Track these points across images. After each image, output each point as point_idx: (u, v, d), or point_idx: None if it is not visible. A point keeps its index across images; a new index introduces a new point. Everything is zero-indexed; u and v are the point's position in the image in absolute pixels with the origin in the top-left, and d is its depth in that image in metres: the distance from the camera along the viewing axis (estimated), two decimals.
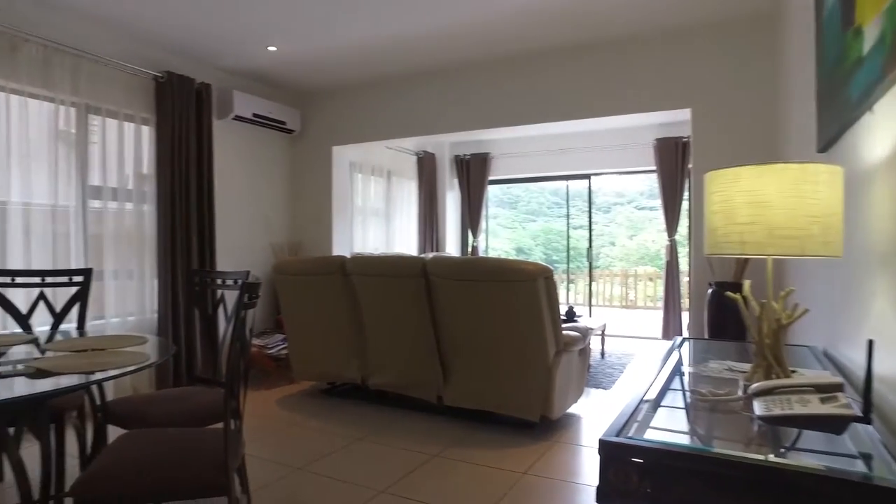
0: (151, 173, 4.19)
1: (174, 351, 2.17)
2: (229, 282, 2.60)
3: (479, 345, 3.34)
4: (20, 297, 2.87)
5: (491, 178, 7.54)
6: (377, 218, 6.58)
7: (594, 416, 3.72)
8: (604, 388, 4.40)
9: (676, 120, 5.37)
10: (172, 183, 4.20)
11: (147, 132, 4.19)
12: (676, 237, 6.32)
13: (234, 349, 1.78)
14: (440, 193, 7.51)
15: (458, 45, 4.37)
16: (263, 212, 5.35)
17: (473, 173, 7.49)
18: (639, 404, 1.29)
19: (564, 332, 3.39)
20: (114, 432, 2.29)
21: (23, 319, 2.74)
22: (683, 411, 1.36)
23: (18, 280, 2.79)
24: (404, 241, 7.00)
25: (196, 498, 1.69)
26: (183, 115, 4.29)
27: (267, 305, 5.31)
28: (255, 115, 4.95)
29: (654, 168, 6.40)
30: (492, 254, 9.02)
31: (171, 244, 4.19)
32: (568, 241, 9.88)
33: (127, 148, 4.05)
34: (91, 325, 3.37)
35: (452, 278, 3.31)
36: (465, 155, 7.54)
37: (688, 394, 1.46)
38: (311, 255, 5.24)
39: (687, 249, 6.79)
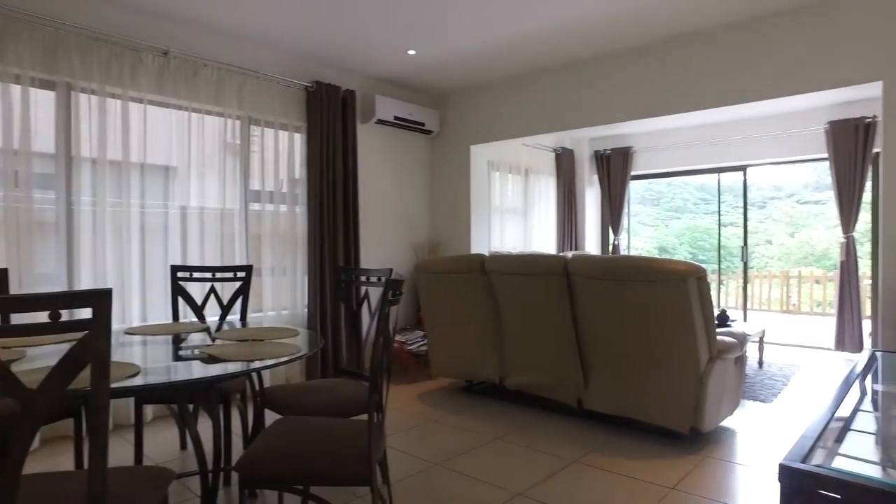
0: (303, 177, 4.52)
1: (322, 345, 2.29)
2: (373, 279, 2.69)
3: (624, 348, 3.15)
4: (196, 290, 3.23)
5: (633, 173, 7.15)
6: (514, 216, 6.52)
7: (752, 431, 3.35)
8: (763, 402, 3.96)
9: (856, 98, 4.68)
10: (321, 185, 4.49)
11: (299, 139, 4.52)
12: (854, 234, 5.52)
13: (377, 344, 1.83)
14: (579, 190, 7.28)
15: (597, 36, 4.18)
16: (404, 211, 5.53)
17: (614, 169, 7.16)
18: (825, 426, 1.10)
19: (718, 337, 3.09)
20: (269, 416, 2.48)
21: (198, 310, 3.09)
22: (880, 438, 1.14)
23: (195, 275, 3.16)
24: (542, 240, 6.88)
25: (341, 485, 1.75)
26: (330, 122, 4.57)
27: (408, 303, 5.49)
28: (395, 117, 5.14)
29: (825, 155, 5.64)
30: (633, 253, 8.57)
31: (320, 243, 4.48)
32: (719, 238, 9.07)
33: (281, 154, 4.41)
34: (251, 317, 3.69)
35: (595, 277, 3.16)
36: (605, 150, 7.23)
37: (884, 418, 1.23)
38: (450, 254, 5.33)
39: (868, 248, 5.93)
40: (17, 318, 2.58)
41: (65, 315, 1.19)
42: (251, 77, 4.16)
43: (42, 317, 1.18)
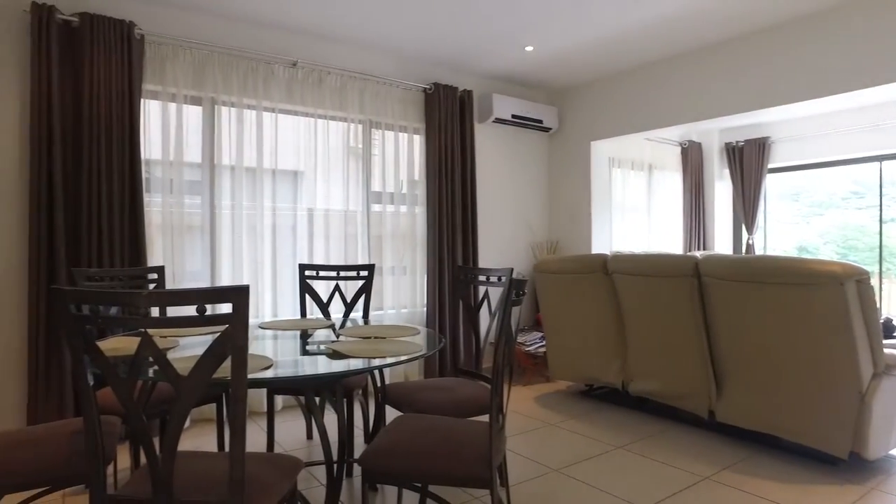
0: (422, 178, 4.60)
1: (443, 344, 2.29)
2: (493, 278, 2.66)
3: (766, 357, 2.85)
4: (321, 288, 3.39)
5: (770, 165, 6.52)
6: (637, 214, 6.20)
7: None
8: None
9: None
10: (439, 186, 4.54)
11: (418, 140, 4.60)
12: None
13: (499, 345, 1.78)
14: (707, 186, 6.77)
15: (726, 17, 3.83)
16: (522, 211, 5.45)
17: (748, 162, 6.58)
18: None
19: (886, 350, 2.70)
20: (389, 412, 2.53)
21: (323, 307, 3.24)
22: None
23: (321, 274, 3.31)
24: (667, 239, 6.48)
25: (460, 486, 1.73)
26: (448, 122, 4.61)
27: (526, 303, 5.40)
28: (513, 116, 5.07)
29: None
30: (770, 253, 7.81)
31: (438, 243, 4.53)
32: (881, 237, 8.00)
33: (401, 156, 4.51)
34: (372, 314, 3.82)
35: (732, 279, 2.89)
36: (737, 142, 6.66)
37: None
38: (569, 254, 5.18)
39: None
40: (170, 311, 2.86)
41: (208, 309, 1.27)
42: (371, 82, 4.30)
43: (191, 310, 1.27)
